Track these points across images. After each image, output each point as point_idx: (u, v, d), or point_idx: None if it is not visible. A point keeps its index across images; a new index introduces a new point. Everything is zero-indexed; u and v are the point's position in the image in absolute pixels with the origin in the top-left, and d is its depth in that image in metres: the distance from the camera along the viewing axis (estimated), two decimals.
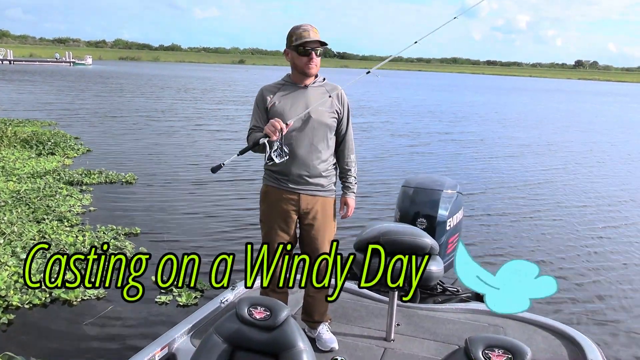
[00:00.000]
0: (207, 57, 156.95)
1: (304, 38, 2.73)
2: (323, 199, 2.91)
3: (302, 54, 2.75)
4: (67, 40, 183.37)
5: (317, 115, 2.80)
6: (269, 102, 2.83)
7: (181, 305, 4.29)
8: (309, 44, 2.73)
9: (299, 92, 2.84)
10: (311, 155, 2.81)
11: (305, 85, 2.85)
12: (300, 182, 2.83)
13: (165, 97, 26.22)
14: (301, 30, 2.75)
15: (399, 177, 9.13)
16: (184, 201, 7.43)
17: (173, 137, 13.41)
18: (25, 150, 10.02)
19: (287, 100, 2.81)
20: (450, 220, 3.92)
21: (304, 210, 2.87)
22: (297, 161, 2.79)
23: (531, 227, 7.01)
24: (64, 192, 7.13)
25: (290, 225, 2.91)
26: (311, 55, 2.75)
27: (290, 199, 2.86)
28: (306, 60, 2.76)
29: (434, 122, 19.92)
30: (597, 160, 13.07)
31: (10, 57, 63.04)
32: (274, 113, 2.80)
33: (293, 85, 2.86)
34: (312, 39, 2.73)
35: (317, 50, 2.76)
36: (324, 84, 2.91)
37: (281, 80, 2.92)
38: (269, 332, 1.88)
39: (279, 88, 2.88)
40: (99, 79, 39.19)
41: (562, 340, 3.10)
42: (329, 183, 2.92)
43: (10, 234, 5.38)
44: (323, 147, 2.85)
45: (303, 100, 2.81)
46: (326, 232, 2.94)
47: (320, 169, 2.85)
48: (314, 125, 2.79)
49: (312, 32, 2.75)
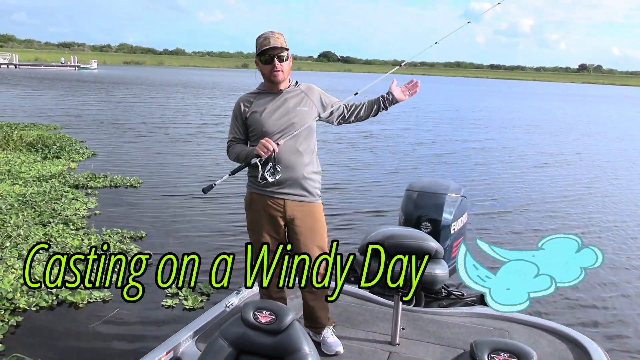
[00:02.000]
0: (211, 62, 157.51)
1: (264, 46, 2.75)
2: (310, 204, 2.89)
3: (264, 62, 2.78)
4: (72, 44, 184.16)
5: (299, 119, 2.81)
6: (246, 112, 2.85)
7: (187, 309, 4.30)
8: (269, 52, 2.75)
9: (275, 99, 2.85)
10: (295, 160, 2.81)
11: (280, 90, 2.87)
12: (285, 187, 2.82)
13: (170, 102, 26.32)
14: (262, 39, 2.77)
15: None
16: (189, 204, 7.45)
17: (178, 141, 13.46)
18: (31, 153, 10.07)
19: (264, 108, 2.83)
20: (454, 224, 3.93)
21: (290, 217, 2.86)
22: (281, 165, 2.78)
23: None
24: (70, 196, 7.17)
25: (279, 231, 2.90)
26: (273, 62, 2.76)
27: (275, 205, 2.85)
28: (270, 68, 2.78)
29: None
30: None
31: (16, 62, 63.42)
32: (252, 122, 2.82)
33: (268, 93, 2.88)
34: (272, 46, 2.73)
35: (280, 56, 2.77)
36: (298, 86, 2.93)
37: (256, 89, 2.94)
38: (274, 336, 1.88)
39: (255, 97, 2.89)
40: (104, 83, 39.36)
41: (567, 344, 3.10)
42: (314, 188, 2.91)
43: (16, 237, 5.42)
44: (306, 150, 2.86)
45: (280, 105, 2.83)
46: (315, 238, 2.92)
47: (304, 173, 2.84)
48: (297, 129, 2.80)
49: (273, 38, 2.75)
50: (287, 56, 2.81)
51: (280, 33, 2.81)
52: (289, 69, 2.86)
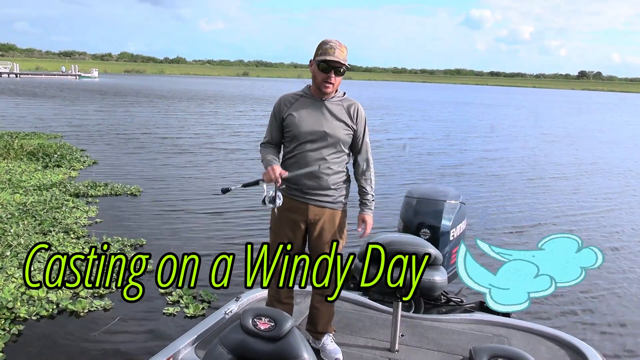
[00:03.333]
0: (211, 70, 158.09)
1: (327, 55, 2.71)
2: (331, 210, 2.92)
3: (321, 70, 2.75)
4: (73, 53, 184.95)
5: (331, 130, 2.80)
6: (285, 113, 2.85)
7: (189, 317, 4.31)
8: (329, 62, 2.72)
9: (316, 106, 2.84)
10: (321, 167, 2.82)
11: (323, 99, 2.87)
12: (309, 192, 2.85)
13: (170, 110, 26.39)
14: (327, 47, 2.73)
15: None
16: (189, 212, 7.47)
17: (178, 149, 13.48)
18: (32, 162, 10.10)
19: (303, 113, 2.82)
20: (453, 231, 3.94)
21: (311, 221, 2.89)
22: (309, 174, 2.81)
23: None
24: (70, 204, 7.19)
25: (297, 235, 2.92)
26: (330, 73, 2.74)
27: (298, 209, 2.88)
28: (324, 77, 2.75)
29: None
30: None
31: (17, 71, 63.65)
32: (288, 123, 2.83)
33: (311, 98, 2.86)
34: (334, 59, 2.71)
35: (338, 69, 2.75)
36: (343, 99, 2.90)
37: (300, 92, 2.92)
38: (273, 343, 1.89)
39: (297, 99, 2.88)
40: (105, 92, 39.46)
41: (566, 351, 3.10)
42: (339, 196, 2.92)
43: (17, 246, 5.43)
44: (334, 160, 2.85)
45: (319, 114, 2.82)
46: (333, 243, 2.95)
47: (330, 182, 2.86)
48: (327, 139, 2.80)
49: (338, 50, 2.72)
50: (344, 71, 2.79)
51: (345, 46, 2.78)
52: (340, 81, 2.84)
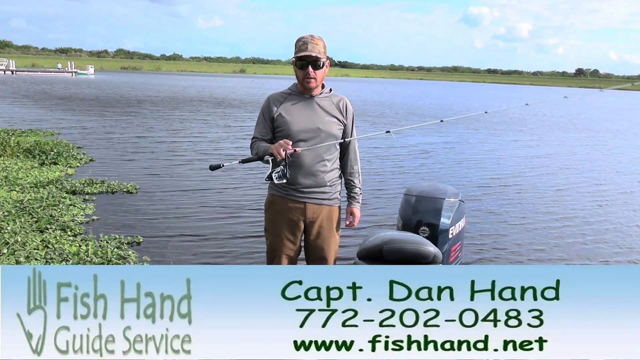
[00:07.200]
0: (208, 67, 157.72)
1: (300, 51, 2.71)
2: (329, 207, 2.92)
3: (299, 67, 2.75)
4: (69, 50, 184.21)
5: (325, 126, 2.80)
6: (275, 111, 2.83)
7: None
8: (304, 58, 2.71)
9: (305, 103, 2.83)
10: (318, 165, 2.82)
11: (312, 95, 2.85)
12: (307, 191, 2.84)
13: (167, 108, 26.34)
14: (300, 43, 2.74)
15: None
16: (186, 210, 7.44)
17: (174, 147, 13.44)
18: (28, 160, 10.05)
19: (293, 110, 2.81)
20: (452, 229, 3.93)
21: (309, 219, 2.88)
22: (304, 170, 2.80)
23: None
24: (67, 202, 7.15)
25: (297, 234, 2.91)
26: (307, 69, 2.72)
27: (296, 208, 2.87)
28: (303, 74, 2.75)
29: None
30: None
31: (13, 68, 63.32)
32: (279, 123, 2.81)
33: (299, 96, 2.86)
34: (308, 53, 2.69)
35: (316, 64, 2.72)
36: (330, 95, 2.90)
37: (288, 90, 2.91)
38: None
39: (286, 98, 2.87)
40: (102, 89, 39.35)
41: None
42: (334, 192, 2.95)
43: (13, 244, 5.40)
44: (329, 156, 2.87)
45: (310, 111, 2.81)
46: (331, 241, 2.97)
47: (326, 179, 2.86)
48: (322, 136, 2.80)
49: (311, 44, 2.71)
50: (323, 63, 2.76)
51: (320, 38, 2.76)
52: (324, 75, 2.82)
